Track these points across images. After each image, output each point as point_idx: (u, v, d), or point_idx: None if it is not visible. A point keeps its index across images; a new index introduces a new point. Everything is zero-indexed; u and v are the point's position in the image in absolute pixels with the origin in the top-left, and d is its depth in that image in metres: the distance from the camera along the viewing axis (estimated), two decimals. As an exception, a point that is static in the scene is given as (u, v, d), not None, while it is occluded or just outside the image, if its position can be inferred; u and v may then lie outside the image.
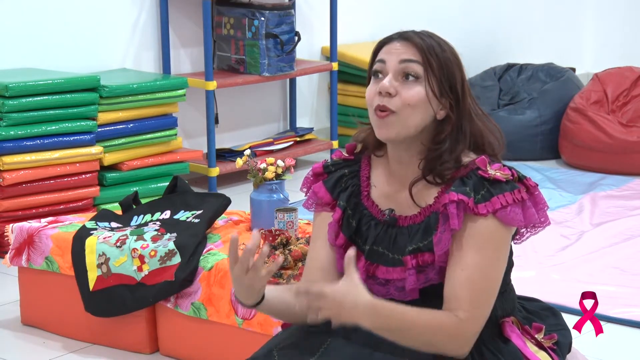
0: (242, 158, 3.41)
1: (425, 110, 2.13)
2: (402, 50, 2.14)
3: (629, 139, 5.59)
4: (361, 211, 2.24)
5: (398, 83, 2.13)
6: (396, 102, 2.12)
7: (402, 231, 2.19)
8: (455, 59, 2.16)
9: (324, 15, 5.76)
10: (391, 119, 2.12)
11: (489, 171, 2.12)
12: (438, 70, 2.13)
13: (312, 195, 2.31)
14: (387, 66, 2.14)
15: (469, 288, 2.08)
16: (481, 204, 2.09)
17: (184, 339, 3.22)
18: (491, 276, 2.11)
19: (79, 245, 3.33)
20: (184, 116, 5.19)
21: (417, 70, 2.12)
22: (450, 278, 2.11)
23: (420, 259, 2.14)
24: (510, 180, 2.12)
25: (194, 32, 5.37)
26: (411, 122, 2.13)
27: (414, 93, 2.12)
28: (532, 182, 2.16)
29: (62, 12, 4.84)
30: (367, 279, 2.21)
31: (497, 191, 2.10)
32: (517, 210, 2.10)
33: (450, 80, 2.14)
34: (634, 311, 3.62)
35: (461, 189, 2.11)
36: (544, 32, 7.42)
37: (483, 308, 2.11)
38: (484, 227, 2.09)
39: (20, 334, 3.52)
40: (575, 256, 4.19)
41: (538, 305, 2.40)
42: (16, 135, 4.23)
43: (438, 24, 6.51)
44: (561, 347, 2.29)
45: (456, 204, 2.08)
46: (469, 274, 2.09)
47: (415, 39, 2.14)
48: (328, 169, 2.31)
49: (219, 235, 3.29)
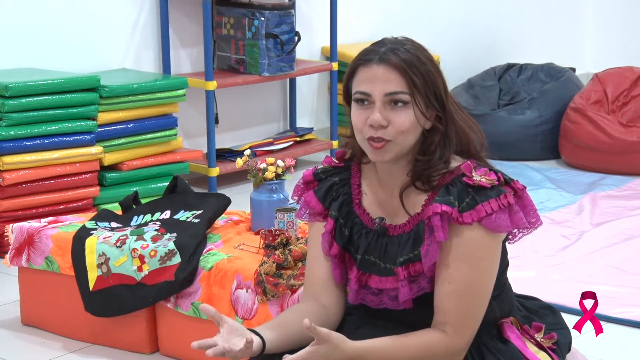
0: (242, 158, 3.41)
1: (416, 130, 2.13)
2: (383, 79, 2.10)
3: (629, 139, 5.59)
4: (353, 219, 2.24)
5: (387, 111, 2.11)
6: (390, 131, 2.11)
7: (393, 240, 2.18)
8: (434, 67, 2.15)
9: (324, 15, 5.76)
10: (388, 147, 2.12)
11: (473, 177, 2.11)
12: (423, 87, 2.11)
13: (304, 205, 2.30)
14: (372, 98, 2.12)
15: (457, 301, 2.08)
16: (466, 213, 2.08)
17: (184, 339, 3.22)
18: (479, 287, 2.11)
19: (79, 245, 3.33)
20: (184, 116, 5.19)
21: (404, 98, 2.11)
22: (438, 291, 2.11)
23: (411, 269, 2.14)
24: (495, 186, 2.10)
25: (194, 32, 5.37)
26: (406, 144, 2.13)
27: (405, 119, 2.11)
28: (520, 185, 2.15)
29: (62, 12, 4.84)
30: (360, 289, 2.21)
31: (481, 198, 2.09)
32: (503, 216, 2.09)
33: (435, 92, 2.13)
34: (634, 311, 3.62)
35: (445, 198, 2.09)
36: (544, 32, 7.42)
37: (472, 319, 2.11)
38: (469, 237, 2.09)
39: (20, 334, 3.52)
40: (575, 256, 4.19)
41: (537, 303, 2.40)
42: (16, 135, 4.23)
43: (438, 24, 6.55)
44: (561, 347, 2.30)
45: (440, 216, 2.08)
46: (455, 287, 2.08)
47: (394, 60, 2.10)
48: (318, 176, 2.30)
49: (219, 235, 3.29)
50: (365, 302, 2.22)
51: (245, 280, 3.03)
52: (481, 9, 6.94)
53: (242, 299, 3.03)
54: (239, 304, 3.04)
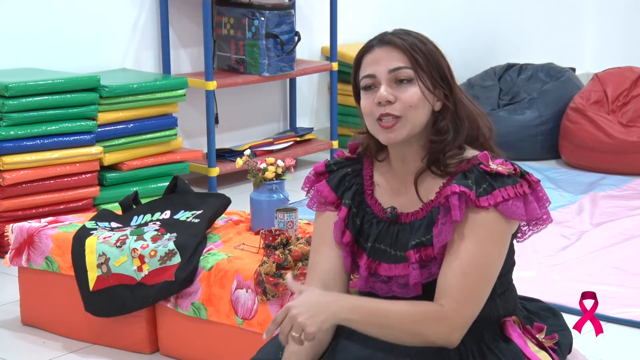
0: (242, 158, 3.41)
1: (425, 106, 2.16)
2: (387, 58, 2.15)
3: (628, 139, 5.59)
4: (364, 209, 2.25)
5: (393, 89, 2.14)
6: (398, 107, 2.14)
7: (405, 227, 2.19)
8: (437, 49, 2.20)
9: (324, 15, 5.76)
10: (399, 124, 2.14)
11: (491, 165, 2.13)
12: (426, 65, 2.15)
13: (315, 194, 2.30)
14: (377, 79, 2.16)
15: (460, 277, 2.08)
16: (483, 197, 2.09)
17: (184, 339, 3.22)
18: (486, 269, 2.11)
19: (79, 245, 3.33)
20: (184, 116, 5.19)
21: (408, 73, 2.15)
22: (443, 267, 2.11)
23: (423, 253, 2.14)
24: (512, 175, 2.13)
25: (194, 32, 5.37)
26: (417, 121, 2.15)
27: (412, 94, 2.14)
28: (535, 178, 2.17)
29: (62, 12, 4.84)
30: (370, 277, 2.21)
31: (498, 184, 2.11)
32: (518, 204, 2.11)
33: (439, 70, 2.17)
34: (634, 311, 3.62)
35: (463, 181, 2.11)
36: (544, 32, 7.42)
37: (473, 299, 2.09)
38: (484, 220, 2.10)
39: (20, 334, 3.52)
40: (575, 256, 4.19)
41: (539, 305, 2.40)
42: (16, 135, 4.23)
43: (438, 24, 6.55)
44: (562, 348, 2.30)
45: (458, 196, 2.09)
46: (461, 263, 2.08)
47: (396, 41, 2.16)
48: (330, 167, 2.32)
49: (219, 235, 3.29)
50: (374, 290, 2.22)
51: (245, 280, 3.03)
52: (481, 9, 6.94)
53: (242, 299, 3.03)
54: (239, 304, 3.04)
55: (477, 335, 2.16)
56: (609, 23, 7.65)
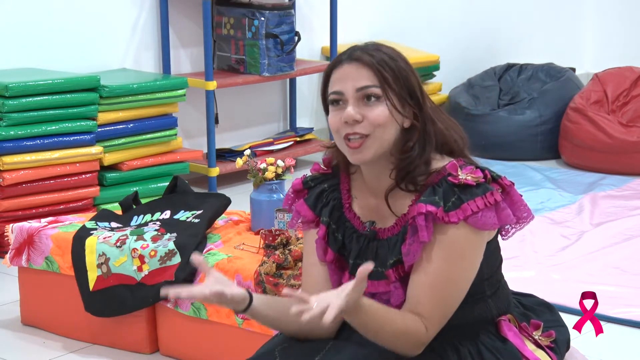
0: (242, 158, 3.41)
1: (393, 125, 2.12)
2: (354, 75, 2.12)
3: (628, 139, 5.59)
4: (344, 224, 2.24)
5: (361, 107, 2.11)
6: (365, 125, 2.11)
7: (383, 244, 2.18)
8: (407, 65, 2.15)
9: (324, 15, 5.76)
10: (367, 144, 2.11)
11: (459, 176, 2.10)
12: (395, 83, 2.12)
13: (295, 214, 2.30)
14: (345, 96, 2.13)
15: (430, 293, 2.08)
16: (452, 212, 2.07)
17: (184, 339, 3.22)
18: (456, 284, 2.10)
19: (79, 245, 3.33)
20: (184, 116, 5.19)
21: (375, 92, 2.11)
22: (412, 280, 2.10)
23: (401, 270, 2.14)
24: (481, 184, 2.10)
25: (194, 32, 5.37)
26: (385, 140, 2.12)
27: (379, 112, 2.11)
28: (507, 181, 2.15)
29: (62, 12, 4.84)
30: None
31: (467, 197, 2.08)
32: (489, 214, 2.09)
33: (409, 88, 2.13)
34: (634, 311, 3.62)
35: (430, 198, 2.09)
36: (544, 32, 7.42)
37: (443, 313, 2.10)
38: (454, 236, 2.08)
39: (20, 334, 3.52)
40: (575, 256, 4.19)
41: (533, 300, 2.39)
42: (16, 135, 4.23)
43: (438, 24, 6.55)
44: (559, 345, 2.29)
45: (424, 216, 2.07)
46: (431, 280, 2.08)
47: (365, 58, 2.13)
48: (307, 184, 2.30)
49: (219, 235, 3.29)
50: None
51: (245, 280, 3.03)
52: (481, 8, 6.94)
53: (242, 299, 3.03)
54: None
55: (473, 336, 2.16)
56: (609, 23, 7.64)
